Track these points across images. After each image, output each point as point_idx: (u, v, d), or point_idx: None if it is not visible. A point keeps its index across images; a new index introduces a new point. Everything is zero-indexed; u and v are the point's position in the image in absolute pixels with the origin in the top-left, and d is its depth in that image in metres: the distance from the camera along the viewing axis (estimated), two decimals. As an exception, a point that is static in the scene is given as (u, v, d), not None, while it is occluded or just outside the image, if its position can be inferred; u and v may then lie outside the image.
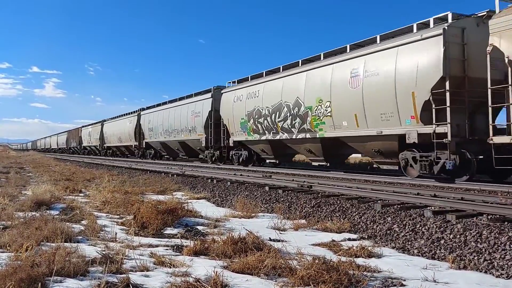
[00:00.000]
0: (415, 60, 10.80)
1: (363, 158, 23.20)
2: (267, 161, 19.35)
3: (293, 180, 11.35)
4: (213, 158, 21.93)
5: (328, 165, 15.56)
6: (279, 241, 5.13)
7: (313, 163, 16.26)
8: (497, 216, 5.75)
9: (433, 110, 10.31)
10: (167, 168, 19.00)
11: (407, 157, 11.37)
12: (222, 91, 20.99)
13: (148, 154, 32.18)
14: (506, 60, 8.58)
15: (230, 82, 21.24)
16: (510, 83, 8.60)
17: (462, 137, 10.33)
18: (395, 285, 3.69)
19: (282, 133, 16.33)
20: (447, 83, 10.06)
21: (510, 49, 8.55)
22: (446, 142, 10.10)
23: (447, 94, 10.04)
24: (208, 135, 21.86)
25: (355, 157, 22.52)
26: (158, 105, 30.35)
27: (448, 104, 10.03)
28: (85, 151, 52.49)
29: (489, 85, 9.12)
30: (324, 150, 14.82)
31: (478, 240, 4.87)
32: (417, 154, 11.04)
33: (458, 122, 10.25)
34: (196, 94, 24.31)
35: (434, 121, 10.33)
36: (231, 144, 20.03)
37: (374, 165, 14.78)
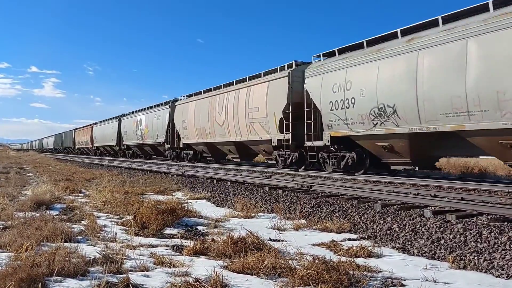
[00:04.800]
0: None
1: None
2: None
3: (293, 180, 11.35)
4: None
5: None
6: (279, 241, 5.13)
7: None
8: (497, 216, 5.75)
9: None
10: (167, 168, 19.02)
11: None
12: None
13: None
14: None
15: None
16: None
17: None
18: (395, 285, 3.69)
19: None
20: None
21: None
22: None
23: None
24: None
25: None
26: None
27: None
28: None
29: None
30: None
31: (478, 240, 4.87)
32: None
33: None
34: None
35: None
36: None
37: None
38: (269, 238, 5.30)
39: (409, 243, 5.26)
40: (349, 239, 5.53)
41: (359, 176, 12.45)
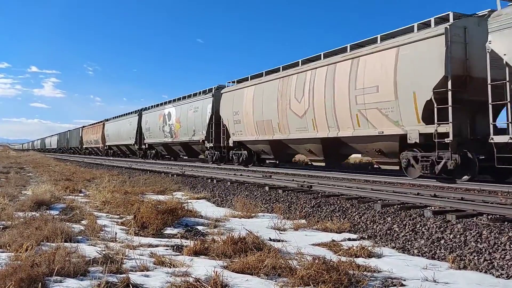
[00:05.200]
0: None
1: (363, 158, 23.33)
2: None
3: (293, 180, 11.35)
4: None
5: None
6: (279, 241, 5.13)
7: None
8: (497, 216, 5.75)
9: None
10: (167, 168, 19.02)
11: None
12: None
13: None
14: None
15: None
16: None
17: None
18: (395, 285, 3.69)
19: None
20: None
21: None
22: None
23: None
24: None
25: (355, 157, 22.61)
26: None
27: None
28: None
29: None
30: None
31: (478, 240, 4.87)
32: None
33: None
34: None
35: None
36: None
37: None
38: (269, 238, 5.30)
39: (409, 243, 5.26)
40: (349, 239, 5.52)
41: (359, 176, 12.40)
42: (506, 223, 5.36)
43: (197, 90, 23.51)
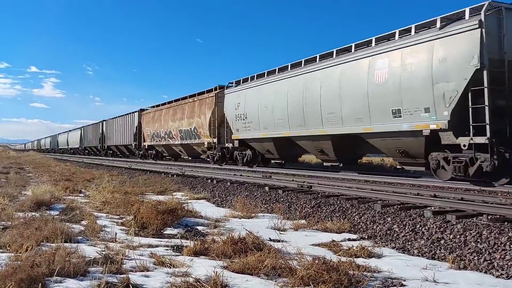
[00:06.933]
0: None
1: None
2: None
3: (293, 180, 11.35)
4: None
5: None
6: (279, 241, 5.13)
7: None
8: (497, 216, 5.75)
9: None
10: (167, 168, 19.02)
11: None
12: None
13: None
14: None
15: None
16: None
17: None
18: (395, 285, 3.69)
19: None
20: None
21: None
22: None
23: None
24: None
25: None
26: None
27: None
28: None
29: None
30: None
31: (478, 240, 4.87)
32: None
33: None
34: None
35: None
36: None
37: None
38: (269, 238, 5.30)
39: (409, 243, 5.26)
40: (349, 239, 5.52)
41: (359, 176, 12.42)
42: (506, 223, 5.36)
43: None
